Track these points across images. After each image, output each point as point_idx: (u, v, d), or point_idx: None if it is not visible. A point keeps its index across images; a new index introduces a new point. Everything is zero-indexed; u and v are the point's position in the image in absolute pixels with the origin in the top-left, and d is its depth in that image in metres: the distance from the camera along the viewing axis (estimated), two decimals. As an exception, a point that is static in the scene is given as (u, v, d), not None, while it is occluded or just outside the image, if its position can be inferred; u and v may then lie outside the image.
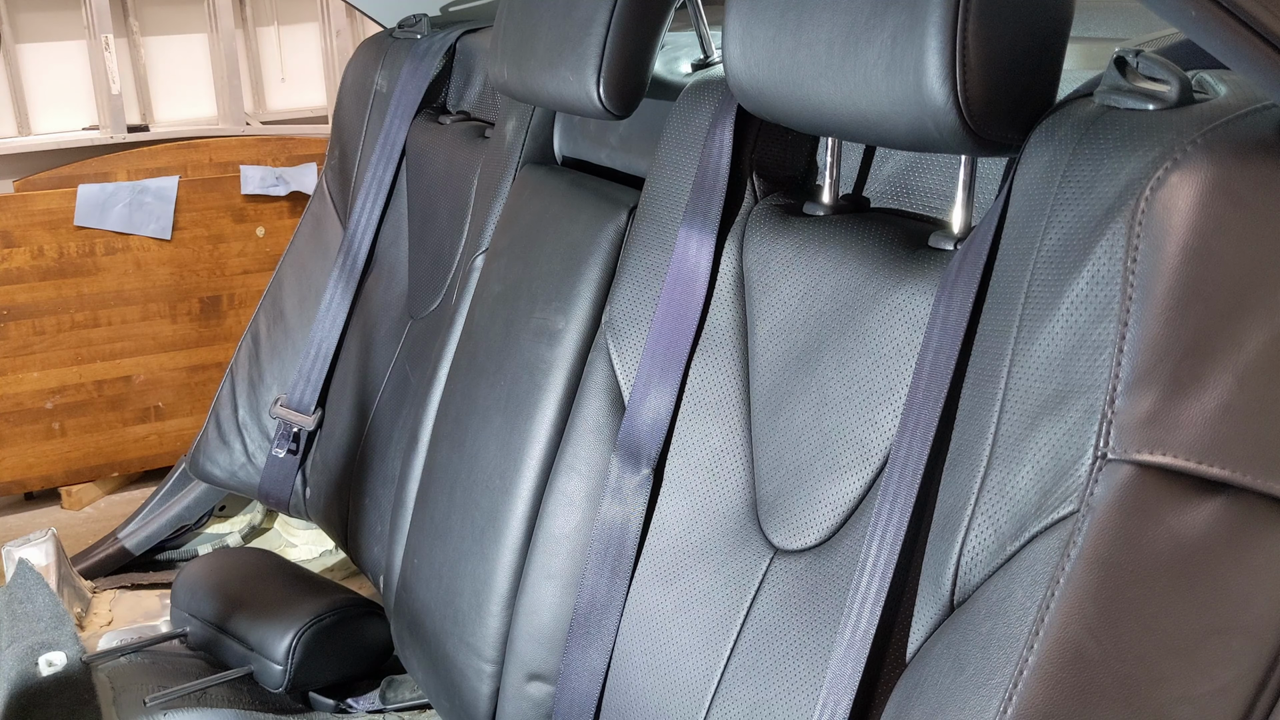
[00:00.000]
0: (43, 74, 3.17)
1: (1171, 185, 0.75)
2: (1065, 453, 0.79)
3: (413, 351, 1.91)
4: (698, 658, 1.18)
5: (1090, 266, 0.78)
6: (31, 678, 1.64)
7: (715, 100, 1.26)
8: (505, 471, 1.45)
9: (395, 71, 2.08)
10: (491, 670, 1.44)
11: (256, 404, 2.19)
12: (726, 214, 1.23)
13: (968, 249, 0.95)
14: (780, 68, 1.01)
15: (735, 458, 1.20)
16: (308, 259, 2.21)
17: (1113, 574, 0.77)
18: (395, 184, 2.05)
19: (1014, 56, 0.87)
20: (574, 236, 1.47)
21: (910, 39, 0.87)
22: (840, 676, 0.98)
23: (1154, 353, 0.76)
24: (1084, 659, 0.77)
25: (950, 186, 1.09)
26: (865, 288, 1.06)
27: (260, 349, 2.21)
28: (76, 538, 2.38)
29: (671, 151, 1.30)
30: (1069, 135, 0.83)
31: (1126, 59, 0.84)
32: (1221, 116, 0.77)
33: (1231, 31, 0.74)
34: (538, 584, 1.36)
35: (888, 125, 0.93)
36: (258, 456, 2.18)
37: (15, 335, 3.01)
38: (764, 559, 1.14)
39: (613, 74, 1.32)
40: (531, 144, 1.68)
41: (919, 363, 0.97)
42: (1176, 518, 0.77)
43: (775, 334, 1.16)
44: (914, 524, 0.95)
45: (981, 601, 0.83)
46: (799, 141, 1.25)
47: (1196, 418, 0.76)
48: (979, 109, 0.87)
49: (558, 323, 1.44)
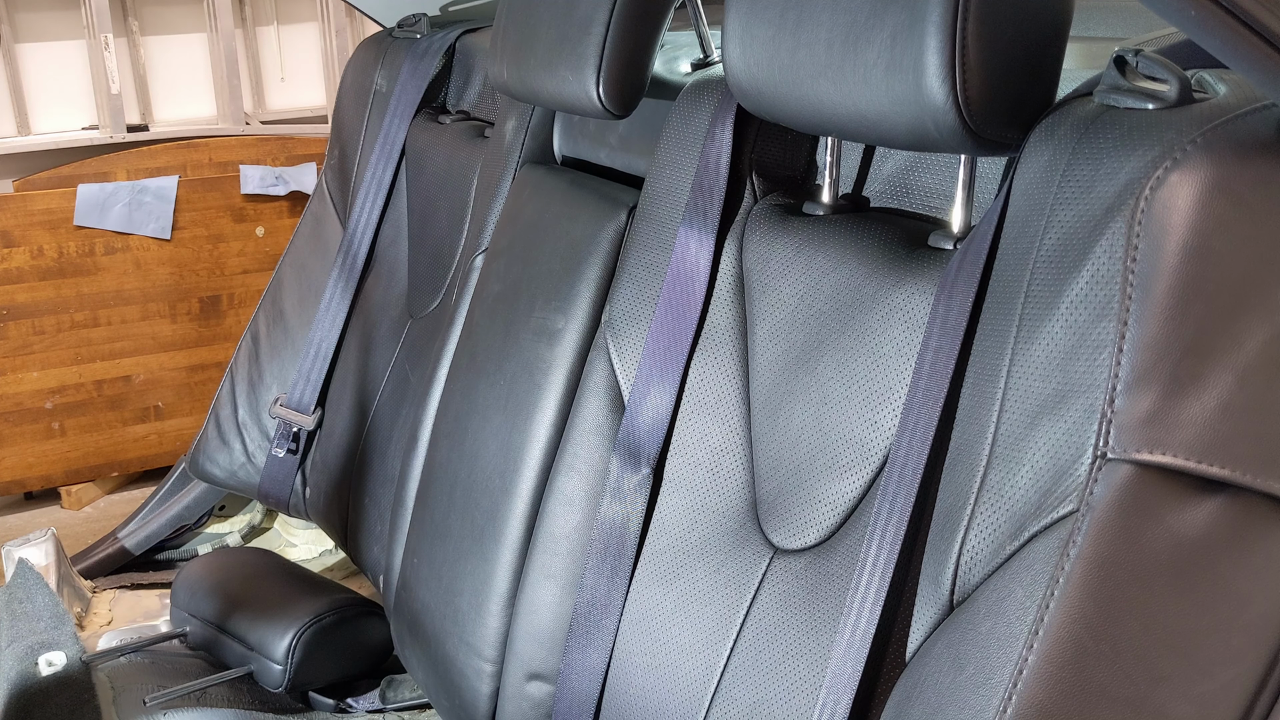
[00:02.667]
0: (42, 74, 3.16)
1: (1171, 184, 0.75)
2: (1065, 452, 0.79)
3: (412, 351, 1.91)
4: (697, 657, 1.18)
5: (1090, 266, 0.78)
6: (31, 677, 1.64)
7: (715, 100, 1.26)
8: (505, 471, 1.45)
9: (395, 71, 2.08)
10: (491, 670, 1.44)
11: (256, 403, 2.19)
12: (726, 213, 1.23)
13: (967, 248, 0.95)
14: (780, 67, 1.01)
15: (735, 457, 1.20)
16: (307, 258, 2.21)
17: (1112, 573, 0.77)
18: (395, 183, 2.05)
19: (1014, 56, 0.87)
20: (574, 236, 1.47)
21: (910, 38, 0.87)
22: (840, 676, 0.98)
23: (1153, 352, 0.76)
24: (1084, 658, 0.77)
25: (950, 186, 1.09)
26: (865, 287, 1.07)
27: (260, 348, 2.21)
28: (76, 537, 2.38)
29: (671, 151, 1.30)
30: (1068, 134, 0.83)
31: (1126, 58, 0.84)
32: (1221, 116, 0.77)
33: (1231, 31, 0.74)
34: (537, 584, 1.36)
35: (887, 125, 0.93)
36: (257, 456, 2.18)
37: (15, 335, 3.01)
38: (764, 558, 1.14)
39: (612, 74, 1.32)
40: (531, 143, 1.68)
41: (918, 362, 0.97)
42: (1176, 517, 0.77)
43: (775, 333, 1.16)
44: (913, 523, 0.95)
45: (981, 601, 0.83)
46: (799, 141, 1.25)
47: (1196, 417, 0.76)
48: (978, 108, 0.87)
49: (557, 322, 1.44)
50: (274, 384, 2.18)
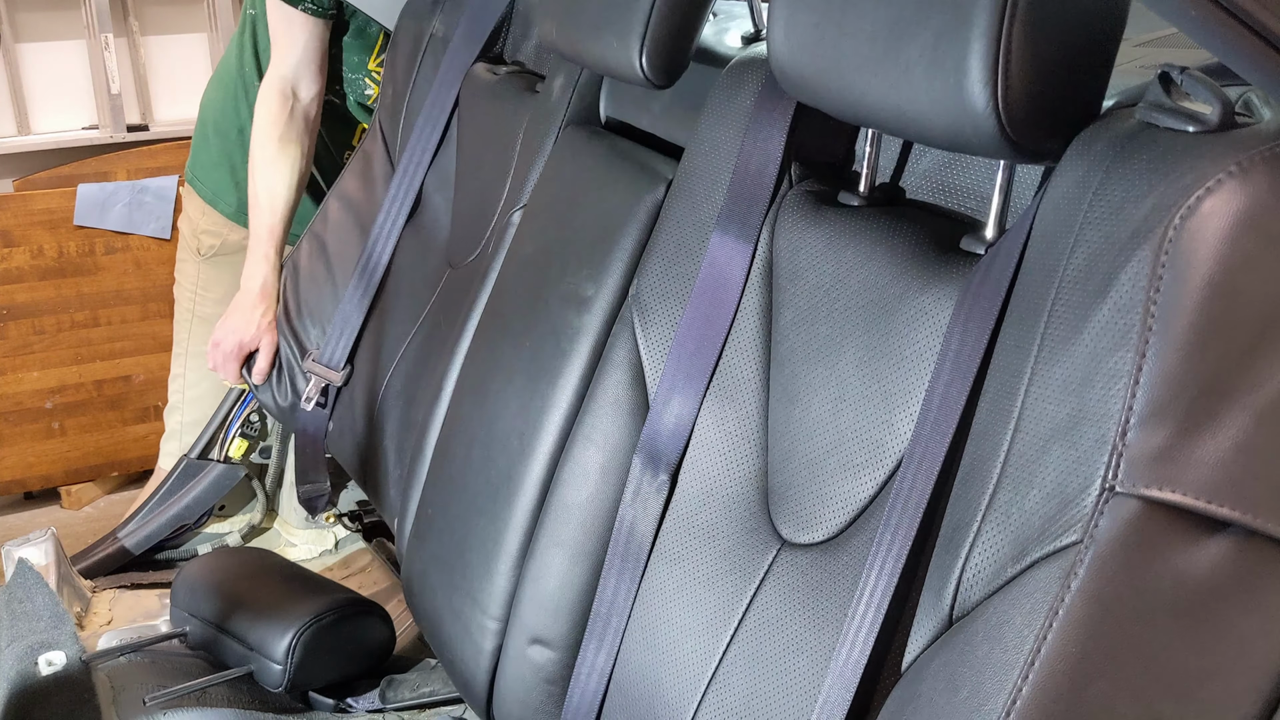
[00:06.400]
0: (42, 73, 3.16)
1: (1202, 215, 0.73)
2: (1073, 481, 0.78)
3: (447, 301, 1.90)
4: (698, 639, 1.17)
5: (1114, 292, 0.77)
6: (31, 677, 1.64)
7: (759, 80, 1.24)
8: (524, 434, 1.45)
9: (455, 17, 2.05)
10: (495, 627, 1.45)
11: (293, 337, 2.17)
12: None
13: (994, 258, 0.93)
14: (822, 56, 0.99)
15: (750, 444, 1.19)
16: (354, 193, 2.19)
17: (1113, 610, 0.76)
18: (447, 131, 2.03)
19: (1059, 65, 0.84)
20: (610, 205, 1.46)
21: (954, 40, 0.85)
22: (839, 680, 0.98)
23: (1170, 387, 0.74)
24: (1079, 693, 0.76)
25: (987, 186, 1.06)
26: (892, 287, 1.05)
27: (300, 279, 2.19)
28: (76, 537, 2.37)
29: (712, 129, 1.28)
30: (1104, 152, 0.82)
31: (1171, 75, 0.82)
32: (1260, 145, 0.75)
33: (1231, 31, 0.73)
34: (546, 550, 1.36)
35: (925, 123, 0.91)
36: (299, 388, 2.17)
37: (15, 335, 3.02)
38: (771, 549, 1.14)
39: (657, 43, 1.31)
40: (578, 103, 1.67)
41: (936, 369, 0.96)
42: (1182, 556, 0.75)
43: (798, 322, 1.15)
44: (922, 532, 0.94)
45: (980, 623, 0.82)
46: (841, 128, 1.23)
47: (1209, 456, 0.74)
48: (1019, 116, 0.84)
49: (587, 290, 1.43)
50: (309, 318, 2.17)
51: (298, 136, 2.16)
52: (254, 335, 2.17)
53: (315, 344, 2.14)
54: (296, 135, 2.16)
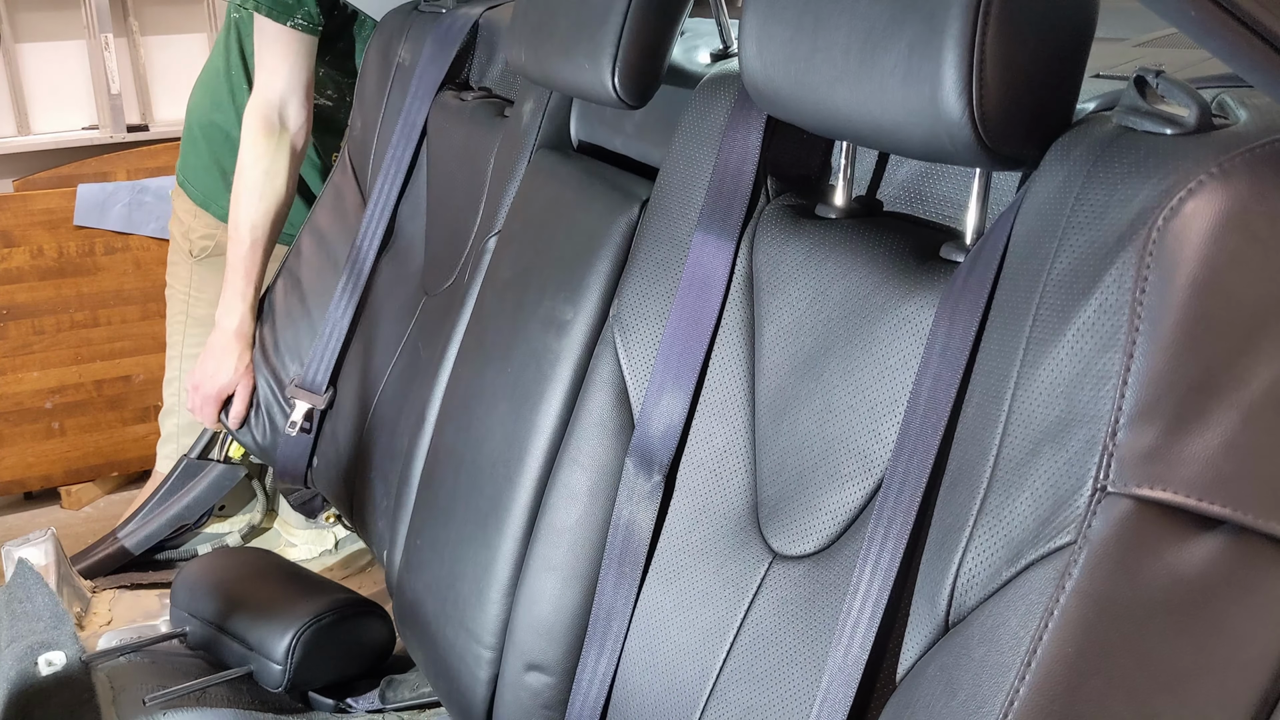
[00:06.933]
0: (42, 73, 3.16)
1: (1185, 216, 0.74)
2: (1065, 482, 0.78)
3: (425, 327, 1.91)
4: (695, 657, 1.17)
5: (1099, 294, 0.77)
6: (31, 677, 1.64)
7: (731, 97, 1.24)
8: (509, 459, 1.45)
9: (419, 45, 2.05)
10: (490, 657, 1.44)
11: (271, 373, 2.18)
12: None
13: (973, 264, 0.93)
14: (796, 70, 0.99)
15: (738, 459, 1.19)
16: (326, 229, 2.19)
17: (1107, 609, 0.76)
18: (416, 159, 2.03)
19: (1032, 72, 0.85)
20: (585, 227, 1.46)
21: (928, 51, 0.85)
22: (834, 692, 0.98)
23: (1158, 387, 0.74)
24: (1075, 693, 0.76)
25: (964, 195, 1.07)
26: (874, 297, 1.05)
27: (276, 317, 2.20)
28: (76, 537, 2.37)
29: (686, 147, 1.29)
30: (1084, 156, 0.82)
31: (1146, 79, 0.82)
32: (1239, 146, 0.75)
33: (1231, 31, 0.73)
34: (538, 575, 1.36)
35: (902, 134, 0.91)
36: (271, 433, 2.17)
37: (15, 335, 3.02)
38: (763, 563, 1.14)
39: (628, 64, 1.31)
40: (548, 126, 1.67)
41: (919, 377, 0.96)
42: (1175, 554, 0.76)
43: (782, 336, 1.15)
44: (911, 540, 0.94)
45: (976, 626, 0.83)
46: (815, 142, 1.23)
47: (1199, 454, 0.75)
48: (995, 124, 0.85)
49: (566, 313, 1.43)
50: (287, 354, 2.17)
51: (284, 169, 2.16)
52: (231, 380, 2.18)
53: (294, 379, 2.14)
54: (282, 168, 2.16)
